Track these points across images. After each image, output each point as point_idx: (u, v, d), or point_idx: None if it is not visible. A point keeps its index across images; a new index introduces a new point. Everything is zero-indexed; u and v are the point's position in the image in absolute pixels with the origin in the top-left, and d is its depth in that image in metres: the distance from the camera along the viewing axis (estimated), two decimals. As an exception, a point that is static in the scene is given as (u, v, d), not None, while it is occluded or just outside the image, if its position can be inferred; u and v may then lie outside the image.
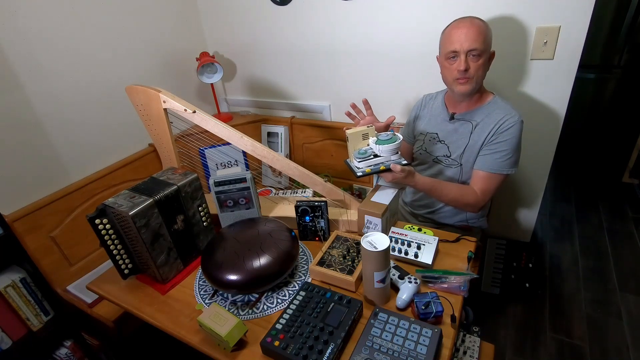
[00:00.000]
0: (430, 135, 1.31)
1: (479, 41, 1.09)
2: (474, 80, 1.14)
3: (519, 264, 1.75)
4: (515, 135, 1.14)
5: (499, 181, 1.18)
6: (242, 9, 1.88)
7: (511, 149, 1.15)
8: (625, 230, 2.17)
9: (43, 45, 1.41)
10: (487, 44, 1.12)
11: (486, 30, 1.12)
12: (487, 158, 1.17)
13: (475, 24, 1.11)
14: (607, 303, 1.72)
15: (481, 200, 1.20)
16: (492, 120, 1.17)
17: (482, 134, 1.18)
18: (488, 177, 1.18)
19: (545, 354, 1.53)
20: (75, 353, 1.51)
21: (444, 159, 1.28)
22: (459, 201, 1.20)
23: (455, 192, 1.19)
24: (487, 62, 1.15)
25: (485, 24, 1.13)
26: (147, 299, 1.03)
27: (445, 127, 1.27)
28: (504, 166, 1.16)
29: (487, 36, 1.12)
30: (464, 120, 1.22)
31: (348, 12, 1.63)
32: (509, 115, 1.15)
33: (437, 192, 1.18)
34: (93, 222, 0.94)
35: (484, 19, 1.14)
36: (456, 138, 1.24)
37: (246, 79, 2.12)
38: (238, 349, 0.84)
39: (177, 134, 1.73)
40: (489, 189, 1.19)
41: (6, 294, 1.29)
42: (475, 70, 1.13)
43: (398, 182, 1.11)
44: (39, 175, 1.45)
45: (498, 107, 1.18)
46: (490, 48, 1.15)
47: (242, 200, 1.17)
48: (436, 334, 0.77)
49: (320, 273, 0.99)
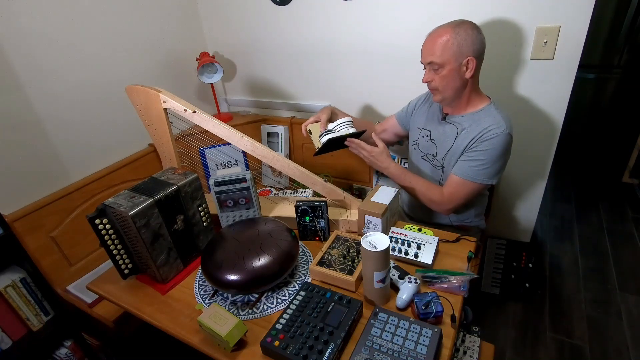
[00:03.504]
0: (424, 132, 1.31)
1: (436, 54, 1.07)
2: (440, 92, 1.14)
3: (519, 264, 1.75)
4: (496, 147, 1.09)
5: (471, 189, 1.15)
6: (242, 9, 1.88)
7: (489, 160, 1.11)
8: (625, 230, 2.17)
9: (43, 45, 1.40)
10: (447, 56, 1.06)
11: (450, 41, 1.05)
12: (463, 164, 1.16)
13: (437, 34, 1.08)
14: (607, 303, 1.72)
15: (446, 203, 1.19)
16: (478, 127, 1.13)
17: (464, 140, 1.16)
18: (458, 183, 1.16)
19: (545, 354, 1.53)
20: (75, 353, 1.51)
21: (431, 157, 1.29)
22: (424, 195, 1.21)
23: (422, 185, 1.22)
24: (453, 73, 1.09)
25: (452, 33, 1.05)
26: (147, 299, 1.02)
27: (437, 126, 1.26)
28: (478, 175, 1.13)
29: (448, 48, 1.06)
30: (452, 124, 1.21)
31: (348, 12, 1.63)
32: (496, 125, 1.10)
33: (405, 180, 1.22)
34: (93, 222, 0.94)
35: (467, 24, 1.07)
36: (443, 139, 1.23)
37: (246, 79, 2.12)
38: (238, 349, 0.84)
39: (177, 134, 1.73)
40: (457, 194, 1.17)
41: (6, 294, 1.29)
42: (439, 82, 1.12)
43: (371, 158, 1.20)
44: (39, 176, 1.45)
45: (488, 115, 1.13)
46: (461, 58, 1.06)
47: (242, 200, 1.17)
48: (436, 334, 0.77)
49: (320, 273, 0.99)
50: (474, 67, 1.08)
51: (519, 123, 1.50)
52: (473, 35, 1.06)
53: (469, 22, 1.08)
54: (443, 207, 1.20)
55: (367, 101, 1.81)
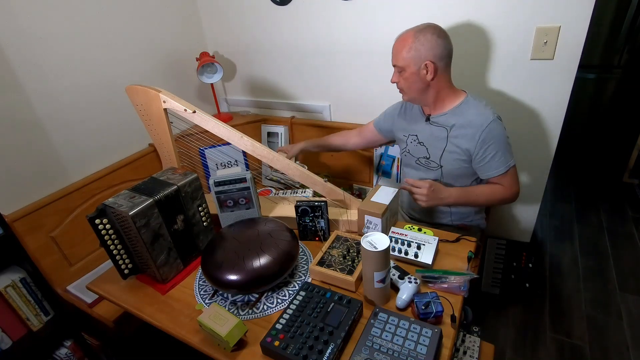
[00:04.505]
0: (412, 137, 1.33)
1: (398, 57, 1.14)
2: (405, 92, 1.21)
3: (519, 264, 1.75)
4: (496, 135, 1.14)
5: (513, 172, 1.20)
6: (242, 9, 1.88)
7: (501, 147, 1.16)
8: (625, 230, 2.17)
9: (43, 45, 1.40)
10: (408, 60, 1.11)
11: (410, 46, 1.10)
12: (490, 164, 1.18)
13: (400, 39, 1.13)
14: (607, 303, 1.72)
15: (512, 193, 1.22)
16: (464, 119, 1.17)
17: (462, 141, 1.18)
18: (503, 175, 1.19)
19: (545, 354, 1.53)
20: (75, 353, 1.51)
21: (424, 161, 1.30)
22: (494, 199, 1.23)
23: (486, 193, 1.22)
24: (414, 76, 1.14)
25: (413, 38, 1.10)
26: (147, 299, 1.03)
27: (423, 128, 1.28)
28: (505, 161, 1.17)
29: (407, 52, 1.11)
30: (438, 125, 1.23)
31: (348, 12, 1.63)
32: (484, 118, 1.14)
33: (471, 197, 1.23)
34: (93, 222, 0.94)
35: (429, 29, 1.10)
36: (433, 140, 1.25)
37: (246, 79, 2.12)
38: (238, 349, 0.84)
39: (177, 134, 1.73)
40: (511, 182, 1.21)
41: (6, 294, 1.29)
42: (403, 84, 1.18)
43: (429, 200, 1.15)
44: (39, 176, 1.45)
45: (470, 107, 1.18)
46: (419, 62, 1.11)
47: (242, 200, 1.17)
48: (436, 334, 0.77)
49: (320, 273, 0.99)
50: (433, 71, 1.12)
51: (519, 123, 1.50)
52: (433, 40, 1.09)
53: (432, 27, 1.11)
54: (513, 197, 1.23)
55: (367, 101, 1.81)
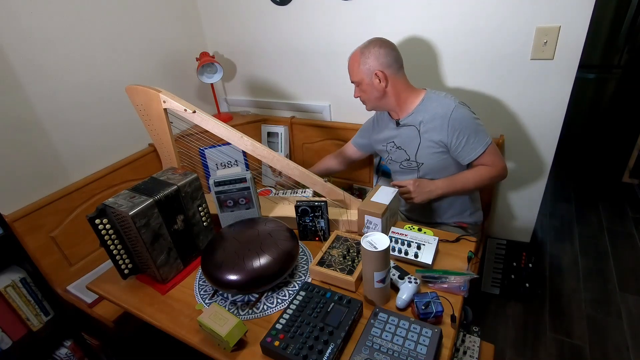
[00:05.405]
0: (390, 144, 1.36)
1: (353, 74, 1.25)
2: (367, 103, 1.29)
3: (519, 264, 1.75)
4: (464, 117, 1.17)
5: (491, 150, 1.22)
6: (242, 9, 1.88)
7: (472, 130, 1.18)
8: (625, 230, 2.17)
9: (43, 45, 1.40)
10: (360, 75, 1.22)
11: (359, 62, 1.20)
12: (467, 147, 1.20)
13: (351, 59, 1.24)
14: (607, 303, 1.72)
15: (499, 169, 1.24)
16: (430, 113, 1.21)
17: (433, 134, 1.22)
18: (482, 158, 1.21)
19: (545, 354, 1.53)
20: (75, 353, 1.51)
21: (406, 163, 1.33)
22: (482, 181, 1.24)
23: (472, 176, 1.25)
24: (370, 87, 1.23)
25: (360, 55, 1.20)
26: (147, 299, 1.03)
27: (397, 133, 1.32)
28: (482, 140, 1.19)
29: (358, 68, 1.21)
30: (408, 125, 1.27)
31: (348, 13, 1.63)
32: (447, 106, 1.18)
33: (458, 185, 1.25)
34: (93, 222, 0.94)
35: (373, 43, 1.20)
36: (408, 142, 1.29)
37: (246, 79, 2.12)
38: (238, 349, 0.84)
39: (177, 134, 1.74)
40: (493, 160, 1.23)
41: (6, 294, 1.29)
42: (363, 96, 1.28)
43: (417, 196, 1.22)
44: (39, 176, 1.45)
45: (432, 101, 1.23)
46: (370, 74, 1.20)
47: (242, 200, 1.17)
48: (436, 334, 0.77)
49: (320, 273, 0.99)
50: (384, 78, 1.20)
51: (519, 123, 1.50)
52: (376, 52, 1.19)
53: (374, 41, 1.21)
54: (502, 173, 1.25)
55: (367, 101, 1.81)
